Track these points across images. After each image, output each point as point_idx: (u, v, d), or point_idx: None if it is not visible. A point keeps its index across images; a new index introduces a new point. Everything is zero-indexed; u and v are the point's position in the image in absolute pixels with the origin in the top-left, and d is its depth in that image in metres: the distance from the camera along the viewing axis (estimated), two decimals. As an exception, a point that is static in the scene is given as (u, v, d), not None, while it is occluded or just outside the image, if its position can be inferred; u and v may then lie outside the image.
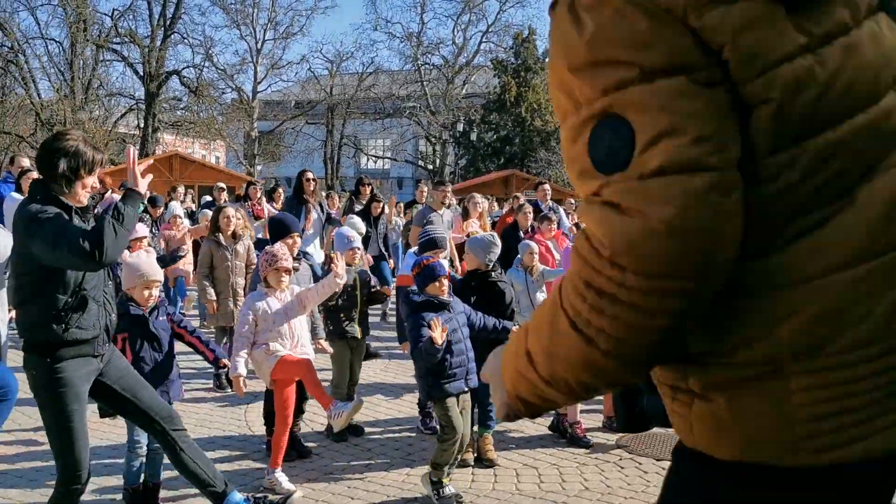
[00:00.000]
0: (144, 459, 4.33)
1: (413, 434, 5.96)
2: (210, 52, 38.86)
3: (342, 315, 5.73)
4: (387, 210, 11.08)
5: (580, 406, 5.88)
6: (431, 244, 5.79)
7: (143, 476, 4.37)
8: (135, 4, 36.73)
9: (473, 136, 37.40)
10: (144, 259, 4.55)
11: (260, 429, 5.97)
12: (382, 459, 5.40)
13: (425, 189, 11.86)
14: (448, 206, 9.45)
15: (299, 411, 5.33)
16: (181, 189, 15.72)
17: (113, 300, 3.64)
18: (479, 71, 42.65)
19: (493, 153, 36.56)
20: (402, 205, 13.33)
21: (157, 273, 4.44)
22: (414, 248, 6.25)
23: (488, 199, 12.61)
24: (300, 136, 43.14)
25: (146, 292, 4.28)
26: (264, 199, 11.00)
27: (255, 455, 5.38)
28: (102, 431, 5.69)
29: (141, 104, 37.05)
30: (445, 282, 4.71)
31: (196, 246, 9.44)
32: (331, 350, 5.81)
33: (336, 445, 5.61)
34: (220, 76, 40.30)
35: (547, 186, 11.36)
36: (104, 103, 37.45)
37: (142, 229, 7.40)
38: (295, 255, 5.56)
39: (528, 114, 35.18)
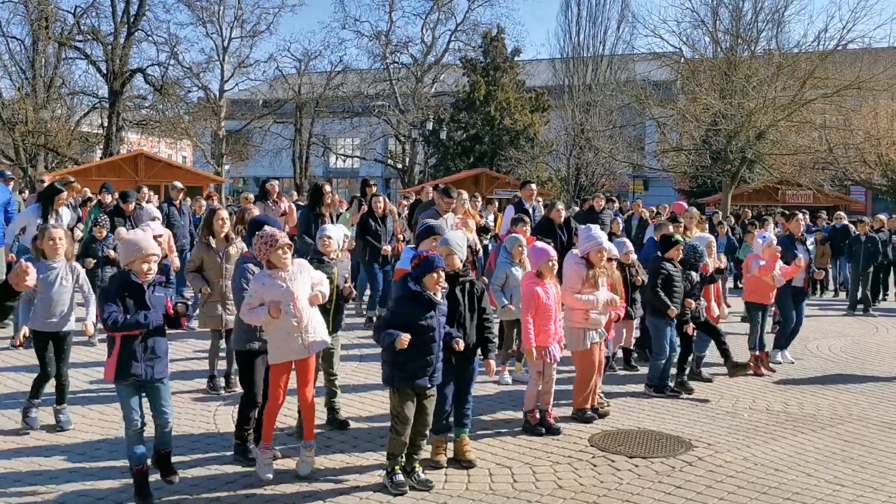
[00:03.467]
0: (142, 437, 4.56)
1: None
2: (175, 49, 38.32)
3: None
4: (393, 207, 11.22)
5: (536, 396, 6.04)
6: (429, 231, 5.94)
7: (145, 457, 4.57)
8: (98, 1, 36.05)
9: (443, 135, 37.27)
10: (142, 235, 4.73)
11: (227, 428, 5.91)
12: (367, 450, 5.38)
13: (375, 188, 12.17)
14: (453, 212, 9.65)
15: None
16: (146, 190, 15.39)
17: None
18: (448, 70, 42.57)
19: (462, 152, 36.51)
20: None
21: (155, 247, 4.64)
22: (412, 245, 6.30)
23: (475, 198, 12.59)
24: (268, 135, 42.74)
25: (145, 266, 4.53)
26: (284, 196, 11.03)
27: (226, 456, 5.32)
28: (100, 428, 5.60)
29: (105, 103, 36.37)
30: (442, 275, 4.86)
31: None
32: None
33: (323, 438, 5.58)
34: (186, 74, 39.74)
35: (533, 186, 11.44)
36: (67, 102, 36.72)
37: (157, 227, 7.32)
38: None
39: (497, 112, 35.18)
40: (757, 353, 8.58)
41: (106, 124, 36.26)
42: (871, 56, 24.87)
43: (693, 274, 7.71)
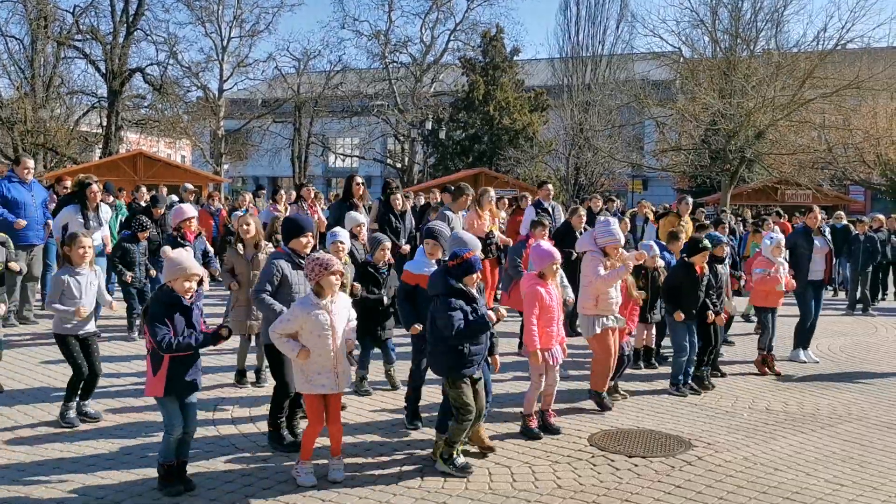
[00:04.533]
0: (178, 441, 4.69)
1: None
2: (174, 49, 38.29)
3: None
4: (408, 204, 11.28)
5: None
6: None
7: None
8: (97, 1, 36.02)
9: (442, 135, 37.26)
10: (185, 255, 4.80)
11: (228, 430, 5.92)
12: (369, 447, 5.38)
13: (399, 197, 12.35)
14: (467, 210, 9.96)
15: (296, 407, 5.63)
16: (144, 189, 15.38)
17: None
18: (447, 69, 42.54)
19: (461, 151, 36.50)
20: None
21: (197, 267, 4.74)
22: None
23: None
24: (267, 134, 42.72)
25: (187, 284, 4.62)
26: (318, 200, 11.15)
27: (226, 458, 5.32)
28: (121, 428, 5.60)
29: (104, 102, 36.32)
30: (478, 277, 5.18)
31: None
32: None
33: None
34: (185, 74, 39.70)
35: (550, 186, 11.48)
36: (66, 101, 36.65)
37: (189, 209, 7.57)
38: (308, 253, 5.52)
39: (496, 112, 35.17)
40: (766, 353, 8.57)
41: (105, 124, 36.21)
42: (871, 56, 24.89)
43: (720, 268, 7.80)
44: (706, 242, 7.60)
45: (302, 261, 5.39)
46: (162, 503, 4.57)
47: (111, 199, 10.82)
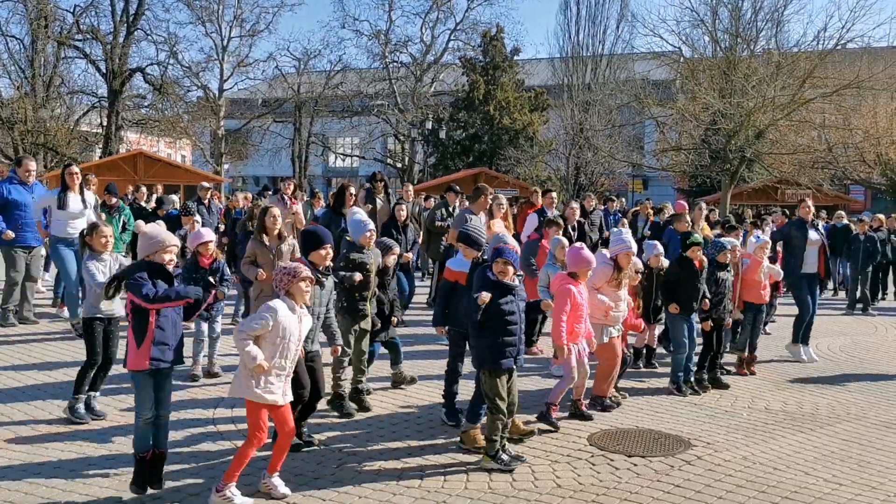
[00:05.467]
0: (151, 429, 4.60)
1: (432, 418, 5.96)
2: (174, 49, 38.31)
3: (356, 294, 6.37)
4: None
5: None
6: (472, 244, 6.13)
7: (150, 446, 4.63)
8: (97, 0, 36.08)
9: (442, 134, 37.27)
10: (160, 229, 4.77)
11: (226, 426, 5.92)
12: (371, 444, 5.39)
13: (410, 188, 13.30)
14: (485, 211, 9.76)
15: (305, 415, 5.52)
16: (144, 189, 15.34)
17: None
18: (447, 69, 42.57)
19: (461, 151, 36.53)
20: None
21: (173, 238, 4.73)
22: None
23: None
24: (267, 134, 42.75)
25: (166, 256, 4.61)
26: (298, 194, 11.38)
27: (224, 452, 5.32)
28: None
29: (104, 102, 36.36)
30: (508, 267, 5.29)
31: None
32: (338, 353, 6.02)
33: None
34: (185, 74, 39.73)
35: (553, 194, 11.53)
36: (66, 101, 36.68)
37: (207, 233, 7.30)
38: (327, 266, 5.57)
39: (496, 112, 35.20)
40: (746, 354, 8.54)
41: (105, 123, 36.24)
42: (871, 55, 24.90)
43: (721, 274, 7.85)
44: (695, 237, 7.69)
45: (320, 275, 5.41)
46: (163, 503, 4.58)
47: (114, 200, 10.80)
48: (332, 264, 5.68)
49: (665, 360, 8.43)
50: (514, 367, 5.33)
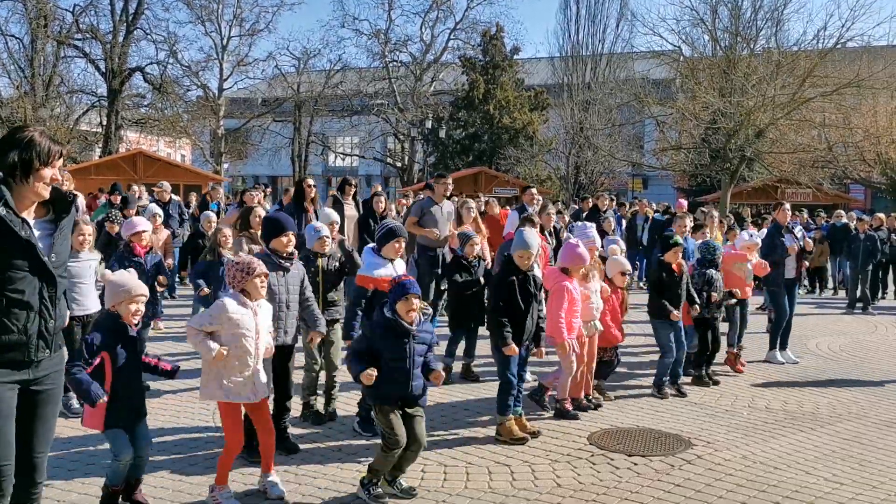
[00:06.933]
0: (130, 465, 4.27)
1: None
2: (174, 48, 38.28)
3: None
4: (392, 206, 11.28)
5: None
6: (391, 234, 5.86)
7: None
8: (96, 0, 36.11)
9: (442, 134, 37.27)
10: (128, 276, 4.40)
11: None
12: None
13: (379, 187, 13.04)
14: (449, 198, 9.67)
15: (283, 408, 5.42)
16: (136, 188, 15.20)
17: (56, 305, 3.18)
18: (447, 68, 42.57)
19: (461, 150, 36.53)
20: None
21: (142, 287, 4.37)
22: (371, 245, 6.17)
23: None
24: (267, 133, 42.71)
25: (132, 307, 4.25)
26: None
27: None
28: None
29: (103, 101, 36.34)
30: (415, 303, 4.60)
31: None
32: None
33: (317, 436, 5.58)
34: (185, 73, 39.70)
35: (534, 191, 11.39)
36: (66, 100, 36.68)
37: (142, 223, 7.35)
38: (290, 252, 5.34)
39: (496, 111, 35.21)
40: (735, 350, 8.52)
41: (105, 123, 36.22)
42: (871, 54, 24.88)
43: (713, 272, 7.79)
44: (676, 238, 7.61)
45: (284, 261, 5.23)
46: None
47: (119, 199, 10.89)
48: (295, 251, 5.38)
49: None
50: (408, 408, 4.62)
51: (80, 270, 6.18)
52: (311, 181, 9.99)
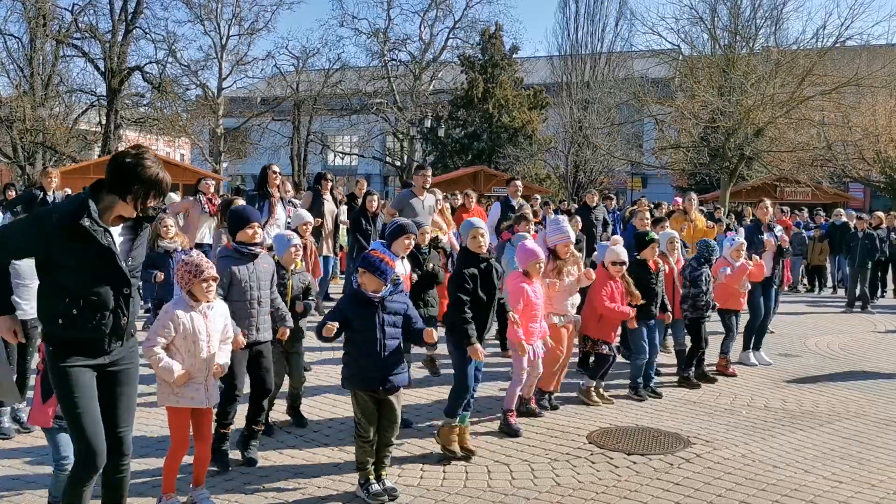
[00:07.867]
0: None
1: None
2: (173, 47, 38.21)
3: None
4: (385, 206, 11.19)
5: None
6: (401, 230, 5.89)
7: None
8: (95, -1, 36.04)
9: (441, 133, 37.25)
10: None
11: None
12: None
13: (365, 184, 12.71)
14: (429, 191, 9.57)
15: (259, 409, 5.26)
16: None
17: (130, 304, 3.49)
18: (446, 67, 42.51)
19: (460, 149, 36.53)
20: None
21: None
22: (381, 241, 6.17)
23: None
24: (266, 132, 42.65)
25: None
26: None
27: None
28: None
29: (103, 101, 36.28)
30: (375, 280, 4.63)
31: None
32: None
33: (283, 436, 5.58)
34: (184, 72, 39.62)
35: (518, 182, 11.28)
36: (65, 100, 36.59)
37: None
38: (259, 241, 5.19)
39: (495, 110, 35.21)
40: (728, 356, 8.33)
41: (104, 122, 36.18)
42: (870, 53, 24.94)
43: (706, 269, 7.77)
44: (652, 235, 7.52)
45: (251, 249, 5.09)
46: None
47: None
48: (262, 242, 5.25)
49: (662, 360, 8.42)
50: (380, 389, 4.63)
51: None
52: (276, 167, 9.58)
